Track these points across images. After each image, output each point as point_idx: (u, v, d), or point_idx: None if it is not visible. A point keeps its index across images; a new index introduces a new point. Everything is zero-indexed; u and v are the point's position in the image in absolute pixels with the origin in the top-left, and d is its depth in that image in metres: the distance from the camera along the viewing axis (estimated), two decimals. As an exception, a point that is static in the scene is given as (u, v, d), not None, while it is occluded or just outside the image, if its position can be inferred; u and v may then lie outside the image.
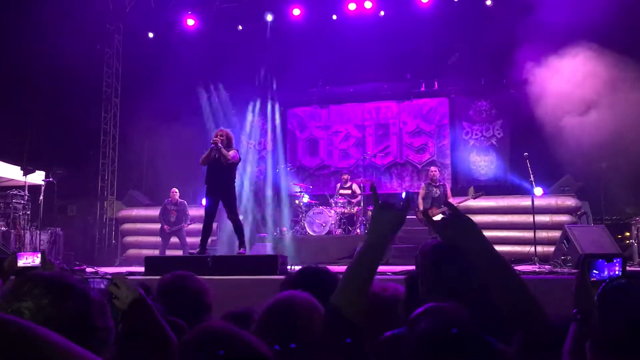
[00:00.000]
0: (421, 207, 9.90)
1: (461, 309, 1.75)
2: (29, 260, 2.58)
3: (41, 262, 2.57)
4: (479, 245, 1.55)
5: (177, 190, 11.40)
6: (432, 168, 10.67)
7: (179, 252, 10.96)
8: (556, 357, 1.45)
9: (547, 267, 7.59)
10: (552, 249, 8.54)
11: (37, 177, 11.15)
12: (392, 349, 1.90)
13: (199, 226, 11.18)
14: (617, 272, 1.62)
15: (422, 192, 10.20)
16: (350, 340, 1.55)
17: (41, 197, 10.68)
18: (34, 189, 11.14)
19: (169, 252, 11.06)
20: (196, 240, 10.91)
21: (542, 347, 1.41)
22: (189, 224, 11.10)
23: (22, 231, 10.37)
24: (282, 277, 4.97)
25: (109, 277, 1.80)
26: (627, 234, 9.49)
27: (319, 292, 1.64)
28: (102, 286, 1.75)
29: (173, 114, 13.62)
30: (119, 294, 1.73)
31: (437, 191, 10.01)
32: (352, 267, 1.61)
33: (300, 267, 2.72)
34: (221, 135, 7.68)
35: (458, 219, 1.60)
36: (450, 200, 9.19)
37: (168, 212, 11.19)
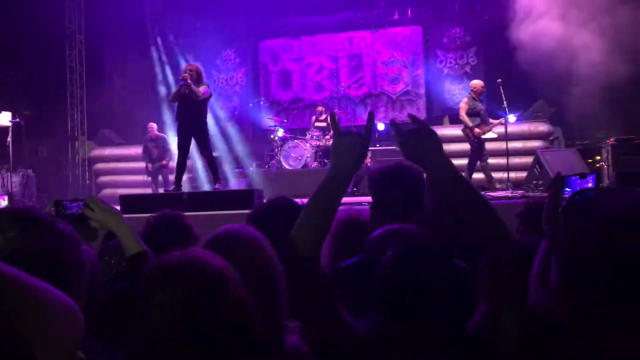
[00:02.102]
0: (470, 124, 8.66)
1: (419, 229, 1.76)
2: None
3: (9, 204, 2.53)
4: (443, 165, 1.46)
5: (154, 125, 11.09)
6: (477, 81, 9.18)
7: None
8: (524, 277, 1.47)
9: (519, 192, 7.74)
10: (525, 174, 8.68)
11: (4, 118, 10.84)
12: (349, 277, 1.92)
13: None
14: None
15: (465, 107, 8.77)
16: (305, 273, 1.53)
17: (9, 139, 10.43)
18: (1, 130, 10.86)
19: (142, 191, 10.97)
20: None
21: (509, 268, 1.41)
22: (168, 160, 10.73)
23: (-7, 174, 10.19)
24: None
25: (82, 200, 1.79)
26: (598, 157, 9.67)
27: (287, 223, 1.62)
28: (77, 210, 1.75)
29: (141, 48, 13.23)
30: (93, 216, 1.76)
31: (482, 106, 8.88)
32: (313, 200, 1.54)
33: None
34: (190, 71, 7.48)
35: (424, 131, 1.49)
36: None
37: (148, 149, 10.91)
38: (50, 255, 1.15)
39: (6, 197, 2.66)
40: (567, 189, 1.60)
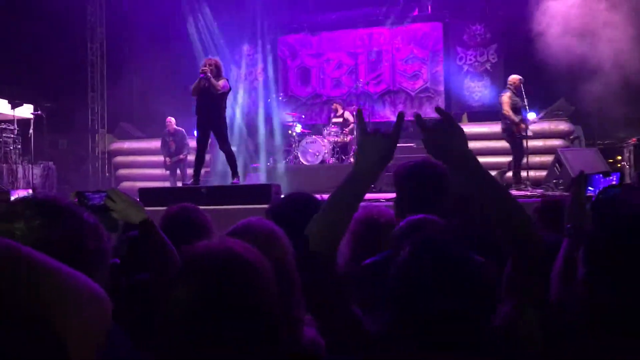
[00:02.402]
0: (516, 120, 8.43)
1: (439, 223, 1.75)
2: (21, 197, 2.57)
3: None
4: (468, 160, 1.44)
5: (172, 119, 11.15)
6: (516, 75, 8.88)
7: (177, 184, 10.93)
8: (545, 275, 1.46)
9: (539, 190, 7.67)
10: (544, 173, 8.59)
11: (26, 111, 11.00)
12: (372, 275, 1.91)
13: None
14: None
15: (508, 101, 8.48)
16: (321, 268, 1.52)
17: (31, 131, 10.58)
18: (23, 123, 11.01)
19: (160, 184, 11.05)
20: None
21: (534, 267, 1.39)
22: (185, 154, 10.80)
23: (14, 165, 10.33)
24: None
25: (104, 191, 1.82)
26: (619, 157, 9.55)
27: (306, 217, 1.61)
28: (99, 201, 1.78)
29: (162, 43, 13.31)
30: (114, 207, 1.80)
31: (521, 102, 8.62)
32: (334, 196, 1.53)
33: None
34: (210, 65, 7.51)
35: (450, 124, 1.46)
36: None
37: (167, 143, 10.98)
38: (74, 244, 1.16)
39: (30, 191, 2.71)
40: (590, 188, 1.57)
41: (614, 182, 1.60)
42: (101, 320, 0.95)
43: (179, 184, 10.44)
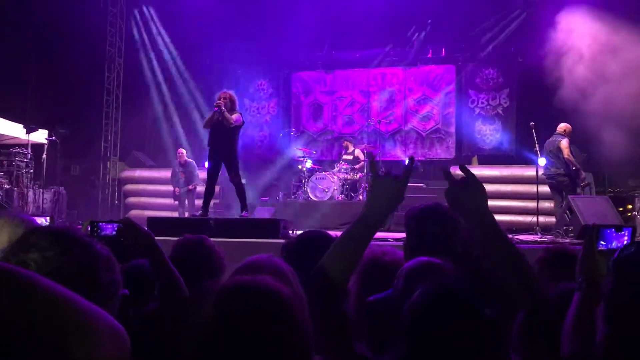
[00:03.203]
0: (579, 166, 8.48)
1: (451, 269, 1.74)
2: (39, 222, 2.59)
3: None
4: (485, 219, 1.50)
5: (183, 150, 11.27)
6: (567, 124, 8.78)
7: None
8: (554, 328, 1.44)
9: (549, 237, 7.61)
10: (554, 219, 8.54)
11: (40, 136, 11.14)
12: (377, 311, 1.91)
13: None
14: (626, 243, 1.59)
15: (568, 147, 8.45)
16: (330, 304, 1.53)
17: (44, 156, 10.68)
18: (37, 147, 11.13)
19: (168, 214, 11.09)
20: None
21: (542, 323, 1.40)
22: (195, 185, 10.89)
23: (25, 189, 10.40)
24: (283, 240, 5.00)
25: (117, 221, 1.84)
26: (629, 206, 9.49)
27: (319, 256, 1.63)
28: (111, 232, 1.79)
29: (177, 75, 13.52)
30: (127, 237, 1.82)
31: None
32: (346, 235, 1.57)
33: (301, 232, 2.71)
34: (224, 98, 7.60)
35: (474, 184, 1.53)
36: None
37: (176, 174, 11.06)
38: (86, 275, 1.17)
39: (48, 218, 2.71)
40: (602, 242, 1.57)
41: (625, 237, 1.59)
42: (120, 355, 0.95)
43: (187, 214, 10.48)
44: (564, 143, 8.43)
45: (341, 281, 1.55)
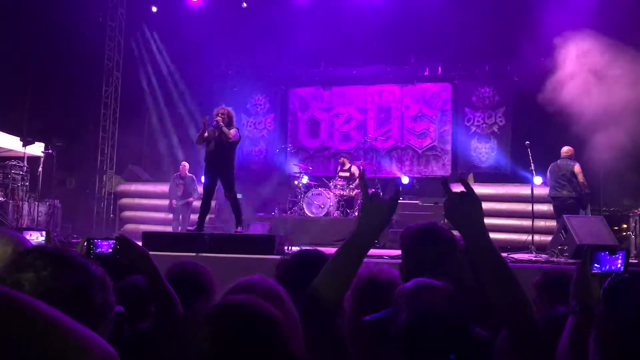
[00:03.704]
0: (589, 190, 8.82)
1: (448, 291, 1.75)
2: (33, 237, 2.58)
3: (45, 240, 2.57)
4: (480, 234, 1.52)
5: (187, 164, 11.32)
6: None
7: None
8: (544, 352, 1.45)
9: (543, 256, 7.62)
10: (549, 238, 8.55)
11: (37, 149, 11.13)
12: (372, 331, 1.91)
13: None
14: (619, 266, 1.59)
15: (581, 171, 8.70)
16: (324, 324, 1.54)
17: (40, 169, 10.66)
18: (33, 160, 11.12)
19: (163, 229, 11.06)
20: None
21: (528, 346, 1.41)
22: (194, 199, 10.93)
23: (21, 202, 10.37)
24: (278, 257, 5.00)
25: (112, 238, 1.83)
26: (624, 225, 9.50)
27: (314, 277, 1.63)
28: (107, 249, 1.79)
29: (175, 90, 13.56)
30: (122, 255, 1.81)
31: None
32: (337, 257, 1.60)
33: (297, 248, 2.72)
34: (222, 114, 7.63)
35: (471, 197, 1.56)
36: None
37: (175, 186, 11.10)
38: (80, 296, 1.17)
39: (44, 233, 2.69)
40: (596, 265, 1.57)
41: (619, 261, 1.60)
42: None
43: (180, 229, 10.49)
44: (578, 168, 8.61)
45: (334, 302, 1.55)
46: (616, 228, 9.53)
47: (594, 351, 1.15)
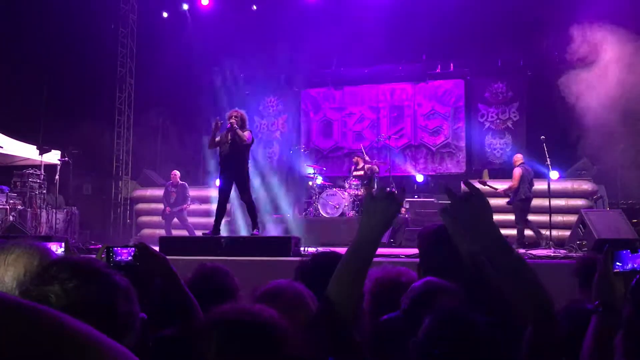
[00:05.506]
0: None
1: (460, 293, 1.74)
2: (53, 249, 2.59)
3: (65, 251, 2.59)
4: (489, 234, 1.47)
5: (177, 172, 11.50)
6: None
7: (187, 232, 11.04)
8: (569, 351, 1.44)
9: (562, 251, 7.55)
10: (567, 233, 8.48)
11: (53, 157, 11.22)
12: (387, 331, 1.90)
13: (200, 207, 11.41)
14: None
15: None
16: (339, 331, 1.53)
17: (57, 177, 10.75)
18: (49, 168, 11.22)
19: (177, 233, 11.14)
20: (198, 220, 11.09)
21: (550, 347, 1.39)
22: (189, 204, 11.21)
23: (39, 210, 10.48)
24: (295, 258, 4.99)
25: (132, 245, 1.84)
26: (643, 218, 9.40)
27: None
28: (127, 257, 1.80)
29: (187, 94, 13.62)
30: (143, 262, 1.82)
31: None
32: (345, 261, 1.57)
33: (314, 249, 2.71)
34: (236, 117, 7.64)
35: (477, 200, 1.50)
36: None
37: (169, 193, 11.32)
38: (105, 307, 1.18)
39: (63, 244, 2.70)
40: (617, 263, 1.55)
41: (641, 259, 1.58)
42: None
43: (184, 233, 10.64)
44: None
45: (348, 309, 1.54)
46: (635, 221, 9.42)
47: (622, 352, 1.13)
